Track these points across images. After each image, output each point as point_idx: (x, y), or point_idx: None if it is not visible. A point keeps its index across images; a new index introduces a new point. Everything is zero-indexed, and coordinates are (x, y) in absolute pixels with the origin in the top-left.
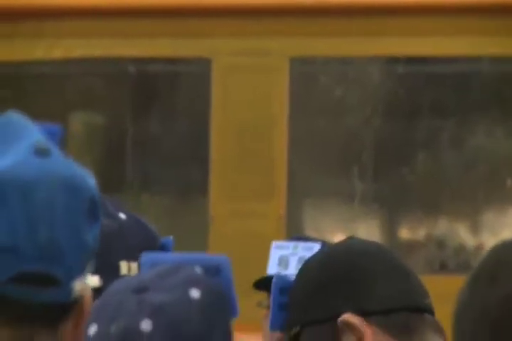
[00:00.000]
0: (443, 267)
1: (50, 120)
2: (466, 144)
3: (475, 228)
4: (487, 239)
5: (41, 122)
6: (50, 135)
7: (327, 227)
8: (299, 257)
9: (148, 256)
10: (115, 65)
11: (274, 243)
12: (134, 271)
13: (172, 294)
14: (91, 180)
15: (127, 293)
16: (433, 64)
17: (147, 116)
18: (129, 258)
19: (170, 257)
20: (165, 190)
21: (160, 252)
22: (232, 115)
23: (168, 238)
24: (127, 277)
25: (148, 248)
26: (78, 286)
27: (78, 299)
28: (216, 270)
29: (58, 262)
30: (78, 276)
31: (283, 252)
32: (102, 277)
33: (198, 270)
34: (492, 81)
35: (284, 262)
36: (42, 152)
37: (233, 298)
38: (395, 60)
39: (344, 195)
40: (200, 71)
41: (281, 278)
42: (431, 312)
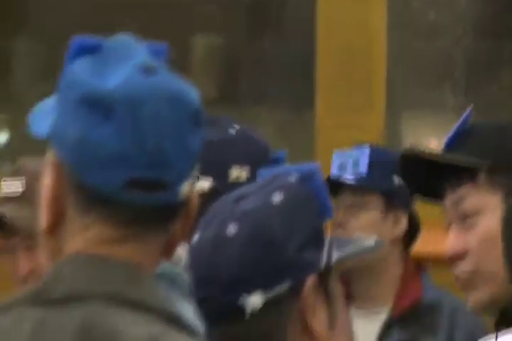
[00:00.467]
0: None
1: (175, 44)
2: None
3: None
4: None
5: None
6: (157, 53)
7: (423, 136)
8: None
9: (264, 170)
10: None
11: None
12: (244, 177)
13: (259, 200)
14: (195, 94)
15: (228, 202)
16: None
17: (261, 38)
18: (242, 163)
19: (281, 170)
20: (276, 105)
21: (274, 165)
22: (335, 36)
23: (281, 151)
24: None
25: (259, 156)
26: (185, 189)
27: (185, 201)
28: (308, 176)
29: (166, 167)
30: (185, 180)
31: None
32: (214, 181)
33: (293, 178)
34: None
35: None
36: (149, 70)
37: (325, 200)
38: None
39: (439, 107)
40: None
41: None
42: None
